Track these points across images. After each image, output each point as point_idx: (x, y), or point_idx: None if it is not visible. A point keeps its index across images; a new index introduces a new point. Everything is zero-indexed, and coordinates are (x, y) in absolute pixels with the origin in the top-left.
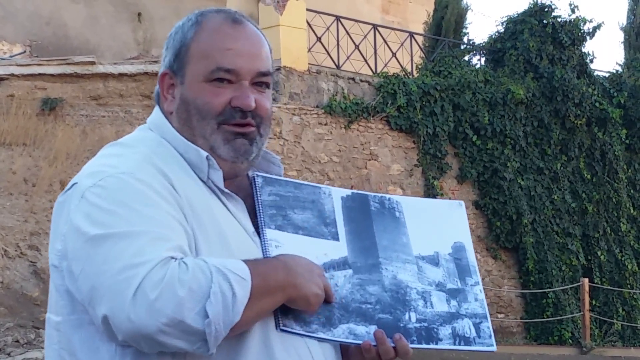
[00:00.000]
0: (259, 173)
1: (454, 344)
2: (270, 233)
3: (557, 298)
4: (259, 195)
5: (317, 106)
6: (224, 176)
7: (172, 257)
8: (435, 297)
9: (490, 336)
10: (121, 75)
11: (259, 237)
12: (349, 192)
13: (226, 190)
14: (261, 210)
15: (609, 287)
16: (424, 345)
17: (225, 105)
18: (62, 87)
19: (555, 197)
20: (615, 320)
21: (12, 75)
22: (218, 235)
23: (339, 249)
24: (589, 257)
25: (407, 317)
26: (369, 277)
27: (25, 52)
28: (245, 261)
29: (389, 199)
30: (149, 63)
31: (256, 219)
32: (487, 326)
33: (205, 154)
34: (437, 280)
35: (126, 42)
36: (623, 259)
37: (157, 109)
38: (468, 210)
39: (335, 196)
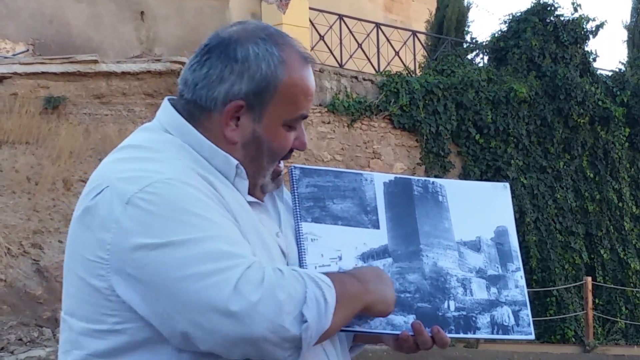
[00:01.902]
0: (296, 165)
1: (492, 333)
2: (306, 226)
3: (560, 296)
4: (295, 189)
5: (320, 105)
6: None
7: (258, 262)
8: (475, 284)
9: (529, 324)
10: (124, 73)
11: (296, 232)
12: (391, 177)
13: (250, 199)
14: (297, 204)
15: (612, 286)
16: (462, 335)
17: None
18: (65, 86)
19: (558, 196)
20: (618, 319)
21: (15, 73)
22: (257, 237)
23: (379, 237)
24: (592, 256)
25: (446, 305)
26: (409, 265)
27: (28, 50)
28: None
29: (433, 183)
30: (152, 62)
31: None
32: (527, 314)
33: (235, 162)
34: (478, 267)
35: (129, 41)
36: (626, 257)
37: (172, 110)
38: None
39: (378, 182)
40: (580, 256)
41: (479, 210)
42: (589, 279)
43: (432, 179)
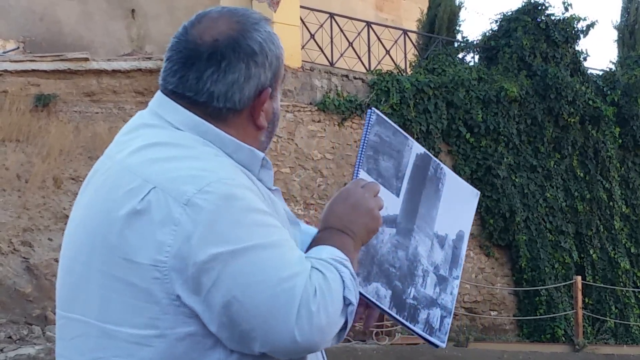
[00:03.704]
0: (375, 109)
1: (423, 330)
2: (362, 174)
3: (550, 296)
4: (367, 133)
5: (310, 103)
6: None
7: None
8: (429, 279)
9: (446, 333)
10: (115, 71)
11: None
12: (422, 150)
13: (274, 188)
14: (363, 149)
15: (601, 285)
16: (407, 323)
17: None
18: (56, 84)
19: (549, 195)
20: (607, 318)
21: (5, 71)
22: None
23: (396, 204)
24: (582, 255)
25: (409, 291)
26: (403, 241)
27: (18, 48)
28: (321, 242)
29: (441, 168)
30: (143, 60)
31: None
32: (448, 322)
33: (261, 155)
34: (437, 263)
35: (120, 39)
36: (616, 256)
37: (179, 107)
38: None
39: (413, 152)
40: (570, 255)
41: (454, 209)
42: (579, 278)
43: (441, 163)
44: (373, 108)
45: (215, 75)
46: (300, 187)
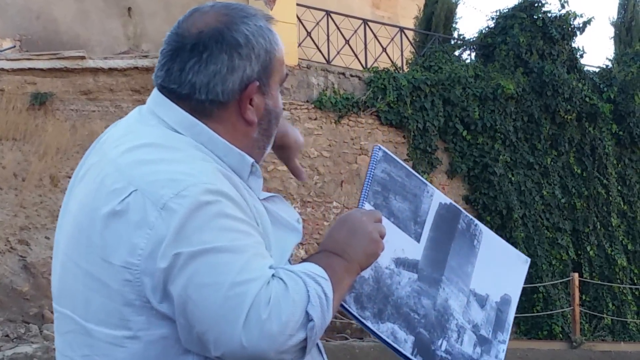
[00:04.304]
0: (381, 147)
1: None
2: (367, 207)
3: (547, 293)
4: (372, 168)
5: (307, 101)
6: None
7: (273, 275)
8: (467, 336)
9: None
10: (111, 70)
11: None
12: (448, 200)
13: (265, 195)
14: (369, 183)
15: (598, 282)
16: None
17: None
18: (52, 82)
19: (545, 192)
20: (605, 315)
21: (2, 69)
22: (272, 237)
23: (416, 250)
24: (579, 252)
25: (439, 342)
26: (428, 289)
27: (15, 46)
28: (309, 260)
29: (476, 225)
30: (139, 58)
31: None
32: None
33: (251, 160)
34: (476, 322)
35: (116, 37)
36: (613, 253)
37: (175, 107)
38: (458, 204)
39: (435, 199)
40: (567, 252)
41: (498, 270)
42: (576, 275)
43: (476, 221)
44: (379, 145)
45: (196, 66)
46: (297, 185)
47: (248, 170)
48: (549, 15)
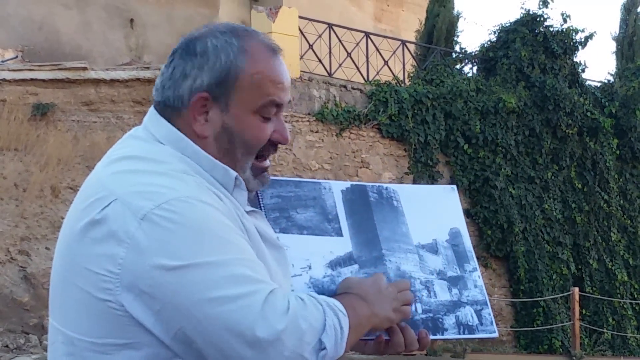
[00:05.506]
0: None
1: (459, 333)
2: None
3: (548, 307)
4: (261, 200)
5: (308, 113)
6: None
7: (279, 288)
8: (437, 286)
9: (491, 323)
10: (113, 81)
11: None
12: (348, 184)
13: (249, 210)
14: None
15: (599, 297)
16: (431, 337)
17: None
18: (54, 93)
19: (546, 207)
20: (605, 330)
21: (4, 80)
22: (261, 253)
23: (343, 244)
24: (580, 267)
25: (413, 308)
26: (375, 270)
27: (17, 57)
28: (336, 298)
29: (386, 188)
30: (141, 69)
31: None
32: (488, 312)
33: (234, 173)
34: (438, 269)
35: (118, 48)
36: (613, 268)
37: (163, 121)
38: None
39: (336, 190)
40: (568, 267)
41: (432, 213)
42: (576, 289)
43: (385, 185)
44: None
45: (163, 69)
46: None
47: (232, 184)
48: (551, 29)
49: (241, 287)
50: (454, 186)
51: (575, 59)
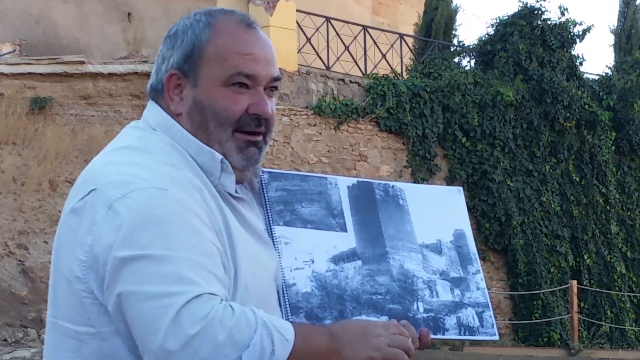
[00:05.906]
0: (264, 169)
1: (459, 334)
2: (279, 230)
3: (546, 300)
4: (265, 192)
5: (306, 107)
6: None
7: (213, 294)
8: (439, 286)
9: (492, 325)
10: (111, 74)
11: (270, 236)
12: (354, 180)
13: (237, 194)
14: (268, 208)
15: (597, 289)
16: (432, 336)
17: (243, 112)
18: (52, 87)
19: (544, 200)
20: (603, 322)
21: (2, 74)
22: (243, 246)
23: (347, 240)
24: (578, 259)
25: (415, 307)
26: (378, 267)
27: (14, 51)
28: (293, 323)
29: (393, 187)
30: (139, 63)
31: (265, 216)
32: (490, 315)
33: (219, 156)
34: (441, 269)
35: (116, 42)
36: (611, 261)
37: (158, 108)
38: None
39: (342, 186)
40: (566, 259)
41: (437, 214)
42: (575, 282)
43: (392, 183)
44: (262, 169)
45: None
46: None
47: (219, 168)
48: (549, 22)
49: (169, 286)
50: (460, 188)
51: (573, 52)
